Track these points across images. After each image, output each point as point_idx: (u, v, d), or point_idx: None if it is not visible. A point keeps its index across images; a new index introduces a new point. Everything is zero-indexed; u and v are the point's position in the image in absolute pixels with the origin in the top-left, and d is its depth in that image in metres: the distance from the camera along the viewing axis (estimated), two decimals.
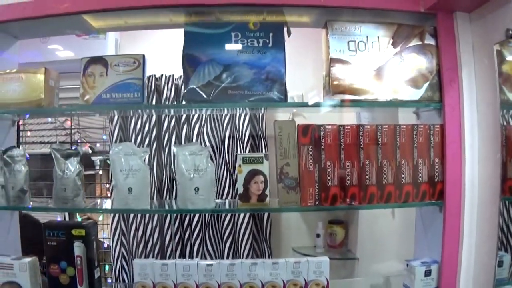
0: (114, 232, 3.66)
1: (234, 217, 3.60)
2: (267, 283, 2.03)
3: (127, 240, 3.64)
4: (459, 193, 2.04)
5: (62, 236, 2.06)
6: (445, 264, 2.07)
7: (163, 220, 3.58)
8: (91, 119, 4.75)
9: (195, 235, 3.50)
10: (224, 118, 3.54)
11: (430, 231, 2.21)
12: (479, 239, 2.05)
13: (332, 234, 3.76)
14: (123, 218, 3.66)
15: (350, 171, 2.01)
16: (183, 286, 2.02)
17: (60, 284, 2.08)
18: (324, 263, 2.04)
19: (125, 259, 3.62)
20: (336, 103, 2.02)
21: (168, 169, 3.49)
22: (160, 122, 3.52)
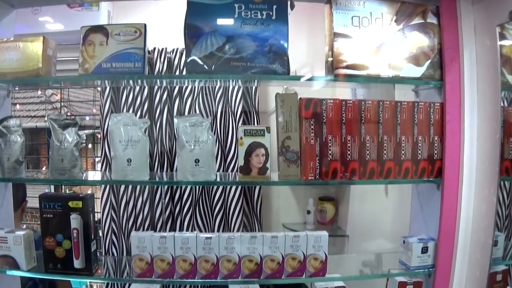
0: (104, 206, 3.62)
1: (225, 192, 3.57)
2: (266, 257, 2.02)
3: (117, 214, 3.61)
4: (457, 171, 2.05)
5: (58, 208, 2.03)
6: (442, 241, 2.08)
7: (153, 194, 3.55)
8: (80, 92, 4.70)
9: (185, 209, 3.47)
10: (216, 93, 3.50)
11: (427, 208, 2.21)
12: (476, 218, 2.06)
13: (322, 211, 3.75)
14: (113, 192, 3.63)
15: (351, 146, 2.00)
16: (181, 259, 2.00)
17: (55, 257, 2.05)
18: (323, 238, 2.03)
19: (115, 234, 3.58)
20: (338, 78, 2.00)
21: (159, 143, 3.45)
22: (152, 96, 3.47)
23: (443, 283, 2.11)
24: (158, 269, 2.01)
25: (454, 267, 2.09)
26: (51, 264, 2.06)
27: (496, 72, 1.94)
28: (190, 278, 2.03)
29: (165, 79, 2.20)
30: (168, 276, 2.03)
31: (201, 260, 2.01)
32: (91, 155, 4.70)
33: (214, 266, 2.02)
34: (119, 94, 3.48)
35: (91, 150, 4.71)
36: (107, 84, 2.79)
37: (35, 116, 5.42)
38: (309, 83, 2.10)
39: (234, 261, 2.02)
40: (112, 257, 2.76)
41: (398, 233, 2.29)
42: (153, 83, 2.82)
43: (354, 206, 3.56)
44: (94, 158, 4.52)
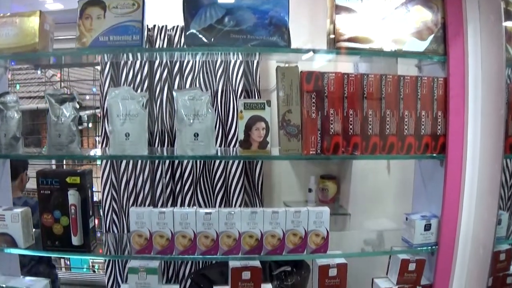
0: (105, 185, 3.61)
1: (226, 170, 3.56)
2: (266, 233, 2.00)
3: (117, 193, 3.60)
4: (461, 147, 2.01)
5: (56, 184, 2.00)
6: (445, 219, 2.05)
7: (154, 173, 3.52)
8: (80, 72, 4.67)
9: (186, 187, 3.46)
10: (217, 70, 3.47)
11: (430, 185, 2.18)
12: (480, 195, 2.02)
13: (324, 189, 3.73)
14: (113, 171, 3.61)
15: (353, 120, 1.96)
16: (181, 235, 1.98)
17: (53, 234, 2.03)
18: (325, 213, 2.01)
19: (116, 213, 3.57)
20: (340, 51, 1.96)
21: (159, 121, 3.43)
22: (152, 73, 3.44)
23: (446, 261, 2.08)
24: (157, 245, 1.99)
25: (458, 245, 2.06)
26: (49, 241, 2.04)
27: (501, 48, 1.90)
28: (189, 254, 2.01)
29: (164, 52, 2.16)
30: (167, 252, 2.00)
31: (201, 236, 1.98)
32: (92, 134, 4.68)
33: (214, 242, 1.99)
34: (119, 72, 3.45)
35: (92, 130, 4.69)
36: (106, 59, 2.75)
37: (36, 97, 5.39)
38: (310, 59, 2.07)
39: (234, 237, 1.99)
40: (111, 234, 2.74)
41: (401, 211, 2.26)
42: (152, 57, 2.78)
43: (356, 184, 3.54)
44: (95, 138, 4.50)
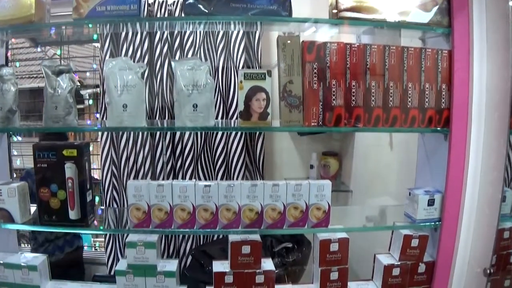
0: (105, 162, 3.60)
1: (227, 146, 3.54)
2: (266, 206, 1.96)
3: (118, 170, 3.59)
4: (465, 121, 1.98)
5: (53, 157, 1.97)
6: (449, 194, 2.02)
7: (154, 148, 3.51)
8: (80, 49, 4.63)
9: (187, 164, 3.46)
10: (218, 45, 3.43)
11: (434, 160, 2.15)
12: (484, 170, 1.99)
13: (325, 165, 3.71)
14: (113, 147, 3.60)
15: (355, 91, 1.92)
16: (179, 208, 1.95)
17: (50, 208, 2.00)
18: (326, 186, 1.97)
19: (116, 190, 3.56)
20: (342, 21, 1.93)
21: (160, 97, 3.40)
22: (152, 49, 3.42)
23: (449, 237, 2.05)
24: (155, 219, 1.95)
25: (461, 221, 2.03)
26: (46, 215, 2.01)
27: (507, 20, 1.86)
28: (188, 228, 1.97)
29: (163, 22, 2.11)
30: (166, 226, 1.97)
31: (200, 209, 1.95)
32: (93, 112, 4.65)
33: (213, 215, 1.96)
34: (119, 48, 3.43)
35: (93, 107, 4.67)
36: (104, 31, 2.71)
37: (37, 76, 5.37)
38: (312, 34, 2.02)
39: (234, 210, 1.96)
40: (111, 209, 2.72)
41: (403, 188, 2.23)
42: (151, 28, 2.73)
43: (358, 161, 3.51)
44: (96, 114, 4.47)
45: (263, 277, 2.02)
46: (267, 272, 2.02)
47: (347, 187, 3.65)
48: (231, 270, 2.01)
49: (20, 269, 2.03)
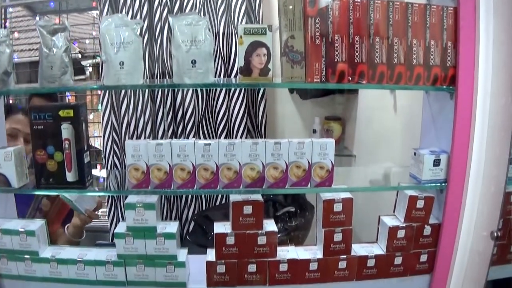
0: (105, 129, 3.60)
1: (228, 111, 3.53)
2: (268, 165, 1.91)
3: (118, 136, 3.59)
4: (471, 79, 1.92)
5: (49, 119, 1.91)
6: (455, 154, 1.97)
7: (155, 114, 3.50)
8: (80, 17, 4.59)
9: (188, 129, 3.46)
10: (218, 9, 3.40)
11: (439, 120, 2.11)
12: (491, 130, 1.94)
13: (328, 130, 3.69)
14: (114, 114, 3.59)
15: (359, 47, 1.87)
16: (179, 167, 1.90)
17: (47, 171, 1.95)
18: (329, 145, 1.92)
19: (117, 156, 3.57)
20: None
21: (160, 62, 3.37)
22: (151, 13, 3.39)
23: (455, 199, 2.01)
24: (154, 179, 1.91)
25: (468, 183, 1.98)
26: (43, 178, 1.95)
27: None
28: (188, 188, 1.93)
29: None
30: (165, 186, 1.92)
31: (200, 169, 1.90)
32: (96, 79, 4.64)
33: (214, 174, 1.91)
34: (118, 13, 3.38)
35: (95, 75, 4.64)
36: None
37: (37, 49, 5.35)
38: None
39: (234, 169, 1.91)
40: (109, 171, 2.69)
41: (408, 153, 2.20)
42: None
43: (362, 125, 3.48)
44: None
45: (265, 238, 1.98)
46: (269, 233, 1.99)
47: (350, 152, 3.62)
48: (233, 231, 1.98)
49: (18, 234, 1.99)
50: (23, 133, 2.62)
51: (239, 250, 1.99)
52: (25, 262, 2.03)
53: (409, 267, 2.12)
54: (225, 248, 1.98)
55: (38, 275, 2.04)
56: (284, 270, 2.02)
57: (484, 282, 2.04)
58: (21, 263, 2.03)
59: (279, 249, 2.04)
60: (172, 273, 2.00)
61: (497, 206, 1.95)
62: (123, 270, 2.02)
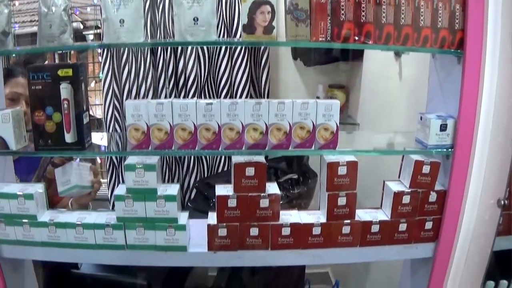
0: (106, 95, 3.59)
1: (231, 78, 3.51)
2: (271, 125, 1.87)
3: (120, 104, 3.59)
4: (480, 43, 1.86)
5: (47, 78, 1.87)
6: (462, 119, 1.92)
7: (157, 81, 3.48)
8: None
9: (190, 96, 3.46)
10: None
11: (446, 85, 2.06)
12: (499, 96, 1.89)
13: (332, 98, 3.65)
14: (115, 81, 3.58)
15: (365, 6, 1.82)
16: (180, 127, 1.86)
17: (45, 132, 1.91)
18: (334, 106, 1.88)
19: (118, 124, 3.57)
20: None
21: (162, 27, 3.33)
22: None
23: (462, 165, 1.96)
24: (155, 139, 1.87)
25: (475, 149, 1.94)
26: (41, 140, 1.92)
27: None
28: (189, 149, 1.89)
29: None
30: (166, 146, 1.88)
31: (202, 129, 1.86)
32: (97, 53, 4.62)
33: (216, 135, 1.87)
34: None
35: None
36: None
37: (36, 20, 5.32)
38: None
39: (237, 130, 1.87)
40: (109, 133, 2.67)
41: (412, 121, 2.17)
42: None
43: (366, 93, 3.46)
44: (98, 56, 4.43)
45: (268, 201, 1.95)
46: (272, 196, 1.95)
47: (354, 121, 3.60)
48: (235, 194, 1.94)
49: (16, 198, 1.96)
50: (25, 96, 2.58)
51: (241, 213, 1.96)
52: (23, 226, 2.00)
53: (413, 234, 2.08)
54: (227, 211, 1.95)
55: (36, 239, 2.02)
56: (286, 234, 1.99)
57: (489, 252, 2.01)
58: (19, 227, 2.00)
59: (281, 213, 2.00)
60: (172, 236, 1.97)
61: (504, 174, 1.92)
62: (123, 234, 1.99)
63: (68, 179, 2.10)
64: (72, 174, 2.09)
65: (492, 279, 2.19)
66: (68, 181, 2.09)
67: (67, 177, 2.10)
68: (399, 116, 2.87)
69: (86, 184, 2.16)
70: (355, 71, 3.72)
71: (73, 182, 2.10)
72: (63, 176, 2.08)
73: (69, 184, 2.09)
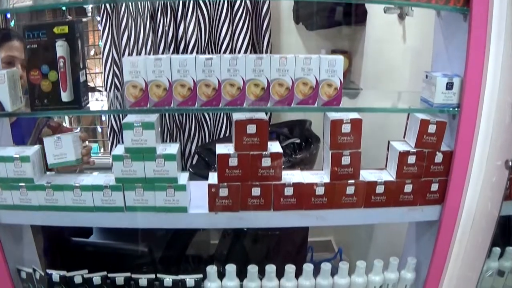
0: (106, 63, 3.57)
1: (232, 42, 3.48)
2: (273, 81, 1.82)
3: (120, 70, 3.57)
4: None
5: (43, 37, 1.82)
6: (469, 78, 1.86)
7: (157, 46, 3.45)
8: None
9: None
10: None
11: (452, 44, 2.00)
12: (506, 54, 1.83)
13: None
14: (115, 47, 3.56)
15: None
16: (179, 83, 1.81)
17: (41, 91, 1.86)
18: (338, 61, 1.82)
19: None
20: None
21: None
22: None
23: (468, 125, 1.91)
24: (153, 96, 1.82)
25: (482, 109, 1.89)
26: (37, 100, 1.87)
27: None
28: (189, 106, 1.84)
29: None
30: (164, 103, 1.83)
31: (201, 85, 1.81)
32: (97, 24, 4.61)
33: (216, 91, 1.82)
34: None
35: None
36: None
37: None
38: None
39: (238, 86, 1.81)
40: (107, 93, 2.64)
41: (417, 85, 2.13)
42: None
43: (369, 59, 3.42)
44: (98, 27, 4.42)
45: (270, 160, 1.90)
46: (274, 154, 1.91)
47: (356, 86, 3.55)
48: (236, 152, 1.89)
49: (13, 161, 1.92)
50: (20, 59, 2.54)
51: (243, 172, 1.91)
52: (20, 190, 1.96)
53: (419, 196, 2.04)
54: (228, 170, 1.90)
55: (34, 203, 1.98)
56: (289, 194, 1.95)
57: (497, 216, 1.98)
58: (16, 191, 1.96)
59: (284, 173, 1.96)
60: (172, 197, 1.93)
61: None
62: (122, 195, 1.95)
63: (64, 153, 2.02)
64: (68, 148, 2.02)
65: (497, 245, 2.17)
66: (63, 155, 2.02)
67: (62, 150, 2.02)
68: (403, 81, 2.83)
69: (79, 157, 2.10)
70: (358, 36, 3.67)
71: (69, 157, 2.03)
72: (56, 148, 2.01)
73: (64, 158, 2.02)
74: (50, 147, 1.99)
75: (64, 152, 2.01)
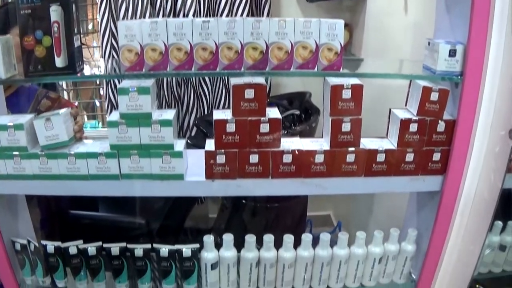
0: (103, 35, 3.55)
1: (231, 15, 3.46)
2: (272, 44, 1.77)
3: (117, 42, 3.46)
4: None
5: (37, 2, 1.77)
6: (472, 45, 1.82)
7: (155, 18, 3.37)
8: None
9: None
10: None
11: (454, 12, 1.95)
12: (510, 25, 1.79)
13: None
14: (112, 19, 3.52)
15: None
16: (175, 47, 1.76)
17: (35, 57, 1.82)
18: (338, 25, 1.77)
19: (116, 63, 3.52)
20: None
21: None
22: None
23: (472, 93, 1.87)
24: (149, 60, 1.77)
25: (485, 77, 1.85)
26: (31, 66, 1.83)
27: None
28: (185, 70, 1.80)
29: None
30: (160, 68, 1.79)
31: (198, 48, 1.76)
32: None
33: (213, 55, 1.77)
34: None
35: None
36: None
37: None
38: None
39: (236, 49, 1.77)
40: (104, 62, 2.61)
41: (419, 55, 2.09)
42: None
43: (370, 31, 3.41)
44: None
45: (268, 126, 1.87)
46: (272, 120, 1.87)
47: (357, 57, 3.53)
48: (233, 118, 1.86)
49: (6, 130, 1.88)
50: None
51: (240, 138, 1.88)
52: (13, 159, 1.93)
53: (421, 166, 2.01)
54: (225, 136, 1.87)
55: (28, 172, 1.95)
56: (288, 161, 1.92)
57: (499, 188, 1.96)
58: (10, 160, 1.93)
59: (283, 141, 1.93)
60: (168, 164, 1.89)
61: None
62: (117, 162, 1.92)
63: (55, 134, 1.96)
64: (60, 129, 1.96)
65: (500, 219, 2.17)
66: (55, 136, 1.97)
67: (53, 131, 1.96)
68: (404, 53, 2.80)
69: (72, 136, 2.05)
70: (359, 8, 3.63)
71: (61, 138, 1.97)
72: (47, 130, 1.96)
73: (56, 139, 1.97)
74: (41, 129, 1.94)
75: (55, 133, 1.95)
